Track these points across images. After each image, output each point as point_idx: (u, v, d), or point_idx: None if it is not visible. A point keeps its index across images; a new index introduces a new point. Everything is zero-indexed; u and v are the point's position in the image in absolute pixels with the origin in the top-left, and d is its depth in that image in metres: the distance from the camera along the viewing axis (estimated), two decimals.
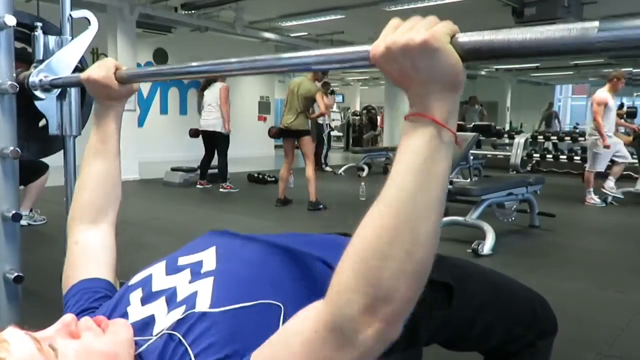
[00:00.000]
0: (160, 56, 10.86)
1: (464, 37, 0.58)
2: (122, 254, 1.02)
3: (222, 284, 0.77)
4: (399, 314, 0.58)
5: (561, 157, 9.52)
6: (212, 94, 6.45)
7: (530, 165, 9.32)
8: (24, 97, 1.32)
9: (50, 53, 1.41)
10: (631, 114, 8.41)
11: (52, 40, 1.43)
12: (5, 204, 1.31)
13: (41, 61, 1.39)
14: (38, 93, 1.35)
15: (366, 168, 9.01)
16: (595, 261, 3.59)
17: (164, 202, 5.96)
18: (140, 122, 9.55)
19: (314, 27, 10.51)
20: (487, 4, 7.72)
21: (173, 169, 7.33)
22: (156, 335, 0.73)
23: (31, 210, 4.25)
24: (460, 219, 3.96)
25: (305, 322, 0.62)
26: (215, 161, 6.75)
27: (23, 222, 1.79)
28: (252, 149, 11.83)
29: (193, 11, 8.75)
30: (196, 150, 7.60)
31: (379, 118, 15.51)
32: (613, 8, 8.34)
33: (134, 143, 7.85)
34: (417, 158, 0.58)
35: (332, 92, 11.64)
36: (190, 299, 0.75)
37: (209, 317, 0.71)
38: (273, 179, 7.35)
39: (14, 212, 1.30)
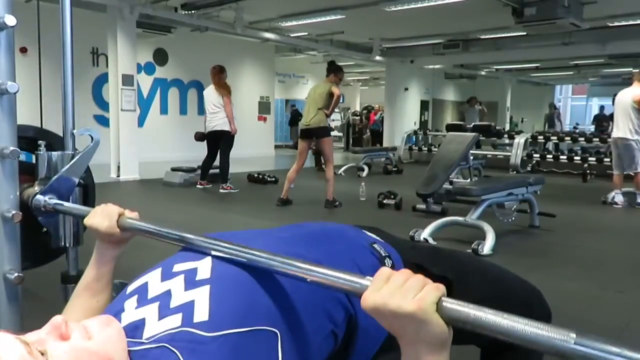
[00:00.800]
0: (160, 56, 10.86)
1: (450, 304, 0.62)
2: (121, 253, 1.02)
3: (218, 294, 0.77)
4: None
5: (561, 157, 9.52)
6: (215, 97, 6.45)
7: (530, 165, 9.33)
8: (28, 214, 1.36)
9: (53, 167, 1.44)
10: None
11: (55, 155, 1.45)
12: (5, 204, 1.30)
13: (44, 179, 1.42)
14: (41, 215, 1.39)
15: (366, 168, 9.01)
16: (595, 261, 3.59)
17: (164, 202, 5.96)
18: (140, 122, 9.55)
19: (314, 27, 10.51)
20: (487, 4, 7.72)
21: (173, 169, 7.33)
22: (149, 340, 0.73)
23: None
24: (460, 219, 3.96)
25: None
26: (216, 161, 6.75)
27: None
28: (252, 149, 11.82)
29: (193, 11, 8.75)
30: (196, 150, 7.61)
31: (371, 115, 15.57)
32: (613, 8, 8.34)
33: (134, 143, 7.85)
34: None
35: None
36: (187, 308, 0.75)
37: (207, 341, 0.70)
38: (273, 179, 7.35)
39: (14, 212, 1.30)
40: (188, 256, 0.89)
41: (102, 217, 1.06)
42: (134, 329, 0.76)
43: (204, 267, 0.84)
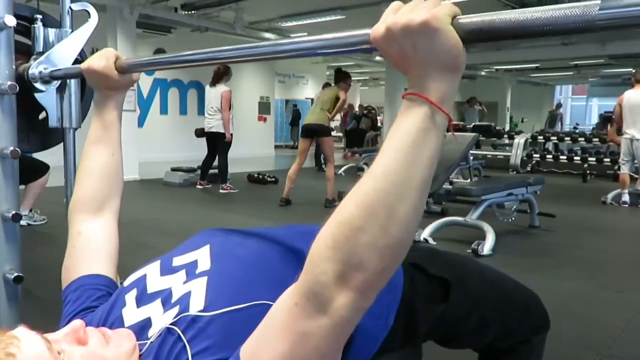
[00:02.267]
0: None
1: (465, 19, 0.58)
2: (121, 254, 1.01)
3: (215, 284, 0.77)
4: (371, 284, 0.58)
5: (561, 157, 9.52)
6: (215, 96, 6.42)
7: (530, 165, 9.33)
8: (24, 90, 1.32)
9: (50, 46, 1.40)
10: None
11: (52, 33, 1.42)
12: (5, 204, 1.30)
13: (41, 53, 1.38)
14: (38, 85, 1.35)
15: (366, 168, 8.98)
16: (595, 261, 3.59)
17: (164, 202, 5.96)
18: (140, 122, 9.55)
19: (314, 27, 10.50)
20: (487, 4, 7.73)
21: (173, 169, 7.33)
22: (154, 335, 0.74)
23: (31, 210, 4.25)
24: (460, 219, 3.96)
25: (286, 297, 0.63)
26: (215, 161, 6.75)
27: (23, 222, 1.79)
28: (252, 149, 11.83)
29: (193, 11, 8.75)
30: (196, 150, 7.62)
31: (379, 118, 15.51)
32: None
33: (134, 143, 7.84)
34: (406, 137, 0.58)
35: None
36: (184, 299, 0.76)
37: (204, 320, 0.71)
38: (273, 179, 7.35)
39: (14, 212, 1.30)
40: (186, 248, 0.88)
41: (98, 58, 1.03)
42: (142, 329, 0.76)
43: (203, 258, 0.83)
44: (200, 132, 6.86)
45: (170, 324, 0.72)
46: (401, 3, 0.61)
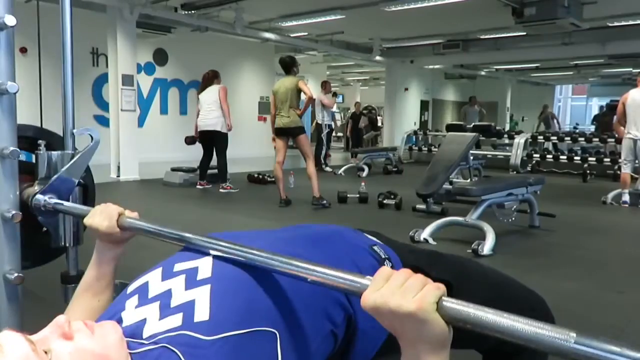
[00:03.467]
0: (160, 56, 10.86)
1: (453, 305, 0.62)
2: (122, 255, 1.02)
3: (219, 294, 0.77)
4: None
5: (561, 157, 9.52)
6: (211, 95, 6.46)
7: (530, 165, 9.33)
8: (27, 211, 1.36)
9: (53, 166, 1.44)
10: None
11: (55, 155, 1.45)
12: (5, 204, 1.30)
13: (44, 179, 1.42)
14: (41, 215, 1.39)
15: (366, 168, 9.01)
16: (595, 261, 3.59)
17: (164, 202, 5.96)
18: (140, 122, 9.55)
19: (314, 27, 10.51)
20: (487, 4, 7.72)
21: (173, 169, 7.32)
22: (150, 340, 0.73)
23: None
24: (460, 219, 3.96)
25: None
26: (214, 161, 6.75)
27: None
28: (252, 149, 11.83)
29: (193, 11, 8.75)
30: (196, 150, 7.59)
31: (378, 118, 15.47)
32: (613, 8, 8.34)
33: (133, 143, 7.85)
34: None
35: (335, 95, 11.63)
36: (188, 308, 0.75)
37: (207, 345, 0.71)
38: (273, 179, 7.34)
39: (14, 212, 1.30)
40: (189, 255, 0.89)
41: (101, 216, 1.06)
42: (135, 329, 0.76)
43: (204, 266, 0.84)
44: (190, 140, 6.89)
45: (169, 343, 0.71)
46: (391, 271, 0.65)
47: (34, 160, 1.47)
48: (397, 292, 0.62)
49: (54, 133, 1.57)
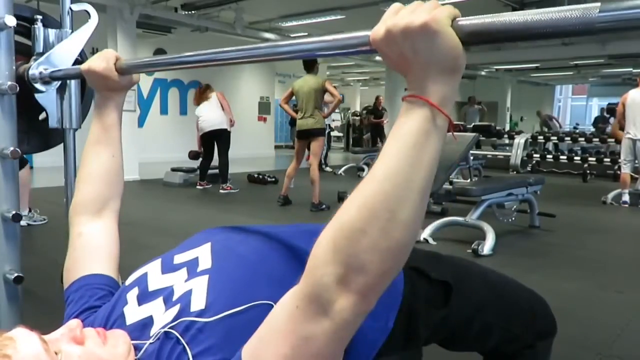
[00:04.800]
0: None
1: (465, 21, 0.58)
2: (122, 254, 1.01)
3: (217, 282, 0.77)
4: (372, 286, 0.58)
5: (561, 157, 9.52)
6: (209, 101, 6.53)
7: (530, 165, 9.33)
8: (24, 91, 1.32)
9: (50, 46, 1.40)
10: None
11: (52, 33, 1.42)
12: (5, 204, 1.30)
13: (41, 54, 1.39)
14: (38, 86, 1.35)
15: (366, 168, 9.00)
16: (595, 261, 3.59)
17: (164, 202, 5.96)
18: (140, 123, 9.55)
19: (314, 27, 10.50)
20: (487, 4, 7.73)
21: (173, 170, 7.33)
22: (153, 336, 0.74)
23: (30, 210, 4.25)
24: (460, 219, 3.96)
25: (287, 299, 0.63)
26: (215, 161, 6.75)
27: (23, 222, 1.79)
28: (252, 149, 11.83)
29: (193, 11, 8.75)
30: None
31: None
32: None
33: (134, 143, 7.84)
34: (407, 139, 0.58)
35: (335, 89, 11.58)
36: (185, 298, 0.76)
37: (203, 324, 0.71)
38: (273, 179, 7.35)
39: (14, 212, 1.30)
40: (187, 245, 0.88)
41: (99, 59, 1.03)
42: (142, 328, 0.76)
43: (204, 256, 0.83)
44: (194, 155, 7.02)
45: (169, 328, 0.72)
46: (401, 5, 0.61)
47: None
48: (409, 14, 0.57)
49: (50, 16, 1.52)
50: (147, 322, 0.76)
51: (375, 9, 8.22)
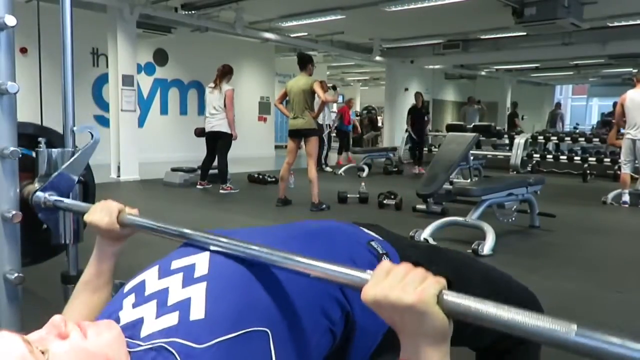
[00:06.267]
0: (161, 56, 10.86)
1: (452, 298, 0.61)
2: (122, 254, 1.02)
3: (215, 292, 0.77)
4: None
5: (561, 157, 9.52)
6: (218, 98, 6.43)
7: (530, 165, 9.33)
8: (27, 209, 1.36)
9: (53, 164, 1.43)
10: None
11: (55, 152, 1.45)
12: (5, 204, 1.31)
13: (45, 176, 1.42)
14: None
15: (366, 168, 9.01)
16: (595, 261, 3.59)
17: (164, 202, 5.96)
18: (140, 122, 9.55)
19: (314, 27, 10.51)
20: (487, 4, 7.72)
21: (173, 170, 7.32)
22: (147, 340, 0.74)
23: None
24: (460, 219, 3.96)
25: None
26: (215, 162, 6.75)
27: None
28: (252, 149, 11.82)
29: (193, 11, 8.75)
30: (196, 150, 7.63)
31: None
32: (613, 8, 8.34)
33: (134, 143, 7.86)
34: None
35: (334, 88, 11.56)
36: (184, 306, 0.76)
37: (199, 354, 0.70)
38: (273, 179, 7.35)
39: (14, 212, 1.30)
40: (185, 252, 0.89)
41: (102, 213, 1.06)
42: (132, 328, 0.76)
43: (201, 263, 0.84)
44: (200, 132, 6.87)
45: (167, 344, 0.71)
46: (390, 265, 0.65)
47: (34, 156, 1.46)
48: (398, 285, 0.62)
49: (54, 131, 1.57)
50: (137, 322, 0.77)
51: (375, 9, 8.22)
